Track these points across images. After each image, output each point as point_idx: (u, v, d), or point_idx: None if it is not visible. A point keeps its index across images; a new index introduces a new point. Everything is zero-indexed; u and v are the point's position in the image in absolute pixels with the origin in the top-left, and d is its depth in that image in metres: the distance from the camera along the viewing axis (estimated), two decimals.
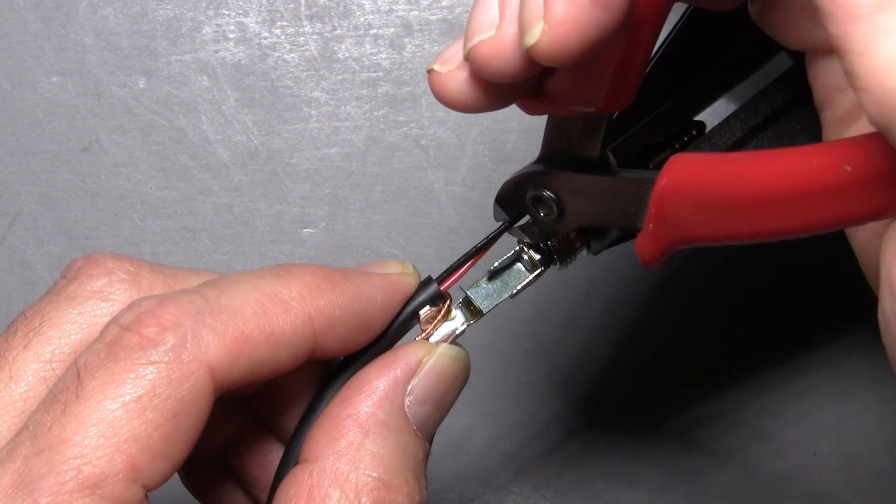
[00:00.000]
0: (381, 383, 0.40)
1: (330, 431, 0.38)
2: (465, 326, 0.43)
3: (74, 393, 0.34)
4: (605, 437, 0.66)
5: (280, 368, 0.38)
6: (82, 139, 0.67)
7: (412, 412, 0.40)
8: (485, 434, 0.66)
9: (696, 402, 0.66)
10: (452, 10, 0.67)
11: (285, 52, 0.67)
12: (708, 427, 0.65)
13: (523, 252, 0.44)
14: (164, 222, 0.67)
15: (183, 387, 0.35)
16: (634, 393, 0.66)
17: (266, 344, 0.37)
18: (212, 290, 0.37)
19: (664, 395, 0.66)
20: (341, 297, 0.39)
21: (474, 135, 0.66)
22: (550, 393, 0.66)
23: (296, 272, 0.39)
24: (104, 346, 0.35)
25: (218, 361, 0.36)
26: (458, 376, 0.42)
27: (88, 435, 0.33)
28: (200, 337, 0.35)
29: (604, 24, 0.32)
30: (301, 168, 0.66)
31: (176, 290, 0.39)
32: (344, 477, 0.37)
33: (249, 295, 0.37)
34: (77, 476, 0.33)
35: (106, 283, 0.39)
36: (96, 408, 0.34)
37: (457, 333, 0.43)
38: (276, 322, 0.37)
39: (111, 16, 0.67)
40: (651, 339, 0.66)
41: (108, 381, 0.34)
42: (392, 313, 0.42)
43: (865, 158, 0.28)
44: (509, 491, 0.66)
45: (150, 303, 0.36)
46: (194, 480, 0.45)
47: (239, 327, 0.36)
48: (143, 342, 0.35)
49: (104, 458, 0.33)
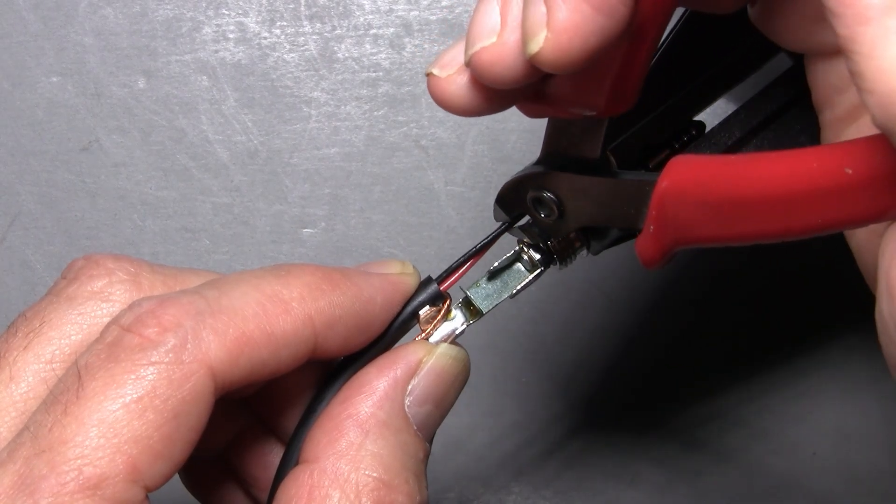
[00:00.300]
0: (382, 383, 0.40)
1: (330, 432, 0.38)
2: (465, 326, 0.43)
3: (75, 394, 0.34)
4: (605, 436, 0.66)
5: (281, 369, 0.38)
6: (82, 139, 0.67)
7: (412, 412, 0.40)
8: (485, 434, 0.66)
9: (696, 402, 0.66)
10: (452, 10, 0.67)
11: (285, 52, 0.67)
12: (708, 427, 0.65)
13: (523, 252, 0.44)
14: (163, 222, 0.67)
15: (183, 387, 0.35)
16: (634, 393, 0.66)
17: (267, 344, 0.37)
18: (212, 291, 0.37)
19: (664, 394, 0.66)
20: (341, 297, 0.39)
21: (474, 135, 0.66)
22: (550, 393, 0.66)
23: (296, 272, 0.39)
24: (105, 347, 0.35)
25: (219, 362, 0.36)
26: (459, 376, 0.42)
27: (89, 436, 0.33)
28: (201, 337, 0.35)
29: (607, 30, 0.32)
30: (301, 168, 0.66)
31: (176, 290, 0.39)
32: (344, 477, 0.37)
33: (250, 295, 0.37)
34: (78, 477, 0.33)
35: (106, 284, 0.39)
36: (97, 408, 0.34)
37: (457, 333, 0.43)
38: (277, 322, 0.37)
39: (111, 16, 0.67)
40: (651, 339, 0.66)
41: (108, 382, 0.34)
42: (392, 313, 0.42)
43: (865, 161, 0.28)
44: (509, 491, 0.66)
45: (150, 303, 0.36)
46: (195, 480, 0.45)
47: (240, 328, 0.36)
48: (144, 343, 0.35)
49: (105, 458, 0.33)
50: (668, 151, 0.43)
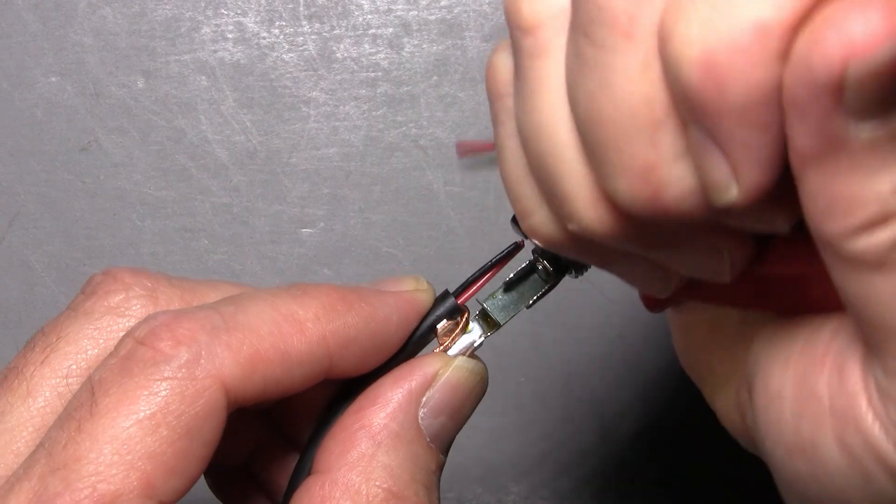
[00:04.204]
0: (396, 395, 0.40)
1: (343, 443, 0.38)
2: (483, 339, 0.43)
3: (88, 410, 0.34)
4: (604, 436, 0.66)
5: (295, 387, 0.38)
6: (81, 139, 0.67)
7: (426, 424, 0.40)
8: (484, 434, 0.66)
9: (696, 401, 0.66)
10: (451, 10, 0.67)
11: (284, 52, 0.67)
12: (708, 426, 0.65)
13: (538, 262, 0.43)
14: (162, 222, 0.67)
15: (196, 403, 0.35)
16: (634, 392, 0.66)
17: (281, 363, 0.37)
18: (228, 307, 0.37)
19: (664, 394, 0.66)
20: (356, 317, 0.39)
21: (473, 135, 0.66)
22: (550, 393, 0.66)
23: (312, 292, 0.39)
24: (118, 361, 0.35)
25: (232, 378, 0.36)
26: (475, 389, 0.42)
27: (103, 452, 0.33)
28: (215, 353, 0.35)
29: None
30: (300, 168, 0.66)
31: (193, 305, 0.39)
32: (355, 489, 0.37)
33: (266, 313, 0.37)
34: (92, 494, 0.33)
35: (123, 299, 0.39)
36: (110, 425, 0.34)
37: (475, 346, 0.43)
38: (292, 341, 0.37)
39: (110, 16, 0.67)
40: (651, 338, 0.66)
41: (121, 398, 0.34)
42: (407, 331, 0.42)
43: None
44: (508, 491, 0.66)
45: (165, 317, 0.36)
46: (222, 489, 0.45)
47: (254, 345, 0.36)
48: (157, 356, 0.35)
49: (119, 475, 0.33)
50: None
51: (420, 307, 0.42)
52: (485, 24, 0.67)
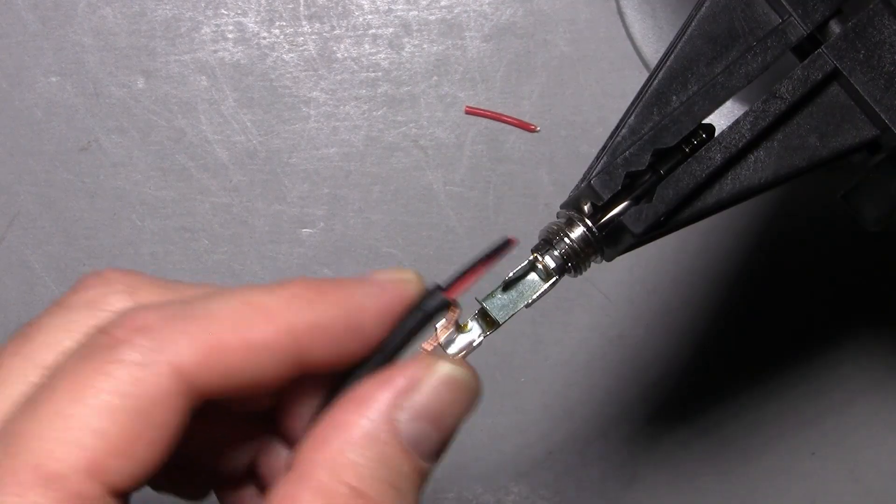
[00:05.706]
0: (374, 395, 0.39)
1: (316, 440, 0.39)
2: (482, 338, 0.43)
3: (42, 392, 0.35)
4: (604, 437, 0.66)
5: (266, 377, 0.38)
6: (81, 139, 0.67)
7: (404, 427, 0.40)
8: (484, 434, 0.66)
9: (696, 402, 0.66)
10: (451, 9, 0.67)
11: (284, 52, 0.67)
12: (708, 427, 0.66)
13: (537, 261, 0.43)
14: (162, 222, 0.67)
15: (147, 385, 0.35)
16: (634, 393, 0.66)
17: (243, 350, 0.37)
18: (196, 299, 0.38)
19: (664, 395, 0.66)
20: (328, 304, 0.39)
21: (473, 135, 0.66)
22: (549, 393, 0.66)
23: (285, 284, 0.39)
24: (79, 349, 0.36)
25: (189, 364, 0.36)
26: (461, 397, 0.41)
27: (51, 428, 0.34)
28: (171, 339, 0.36)
29: None
30: (300, 168, 0.66)
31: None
32: (324, 486, 0.37)
33: (231, 303, 0.38)
34: (36, 469, 0.33)
35: (101, 294, 0.40)
36: (59, 405, 0.35)
37: (474, 346, 0.43)
38: (255, 328, 0.37)
39: (110, 16, 0.67)
40: (650, 339, 0.66)
41: (74, 381, 0.35)
42: (387, 320, 0.41)
43: None
44: (508, 491, 0.66)
45: (133, 310, 0.37)
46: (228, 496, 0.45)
47: (213, 332, 0.36)
48: (112, 342, 0.35)
49: (63, 453, 0.34)
50: (679, 156, 0.42)
51: (402, 295, 0.41)
52: (485, 24, 0.67)
